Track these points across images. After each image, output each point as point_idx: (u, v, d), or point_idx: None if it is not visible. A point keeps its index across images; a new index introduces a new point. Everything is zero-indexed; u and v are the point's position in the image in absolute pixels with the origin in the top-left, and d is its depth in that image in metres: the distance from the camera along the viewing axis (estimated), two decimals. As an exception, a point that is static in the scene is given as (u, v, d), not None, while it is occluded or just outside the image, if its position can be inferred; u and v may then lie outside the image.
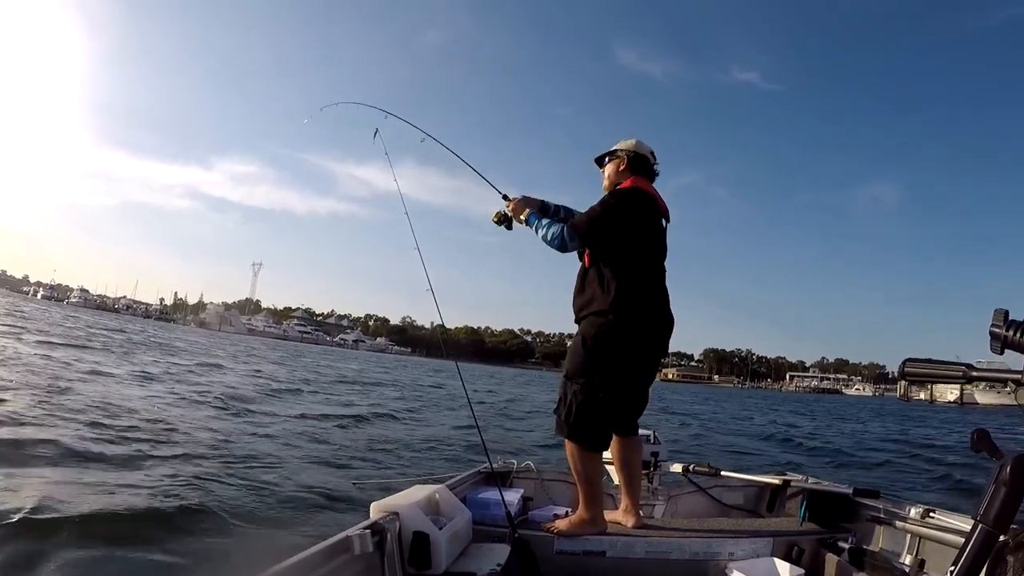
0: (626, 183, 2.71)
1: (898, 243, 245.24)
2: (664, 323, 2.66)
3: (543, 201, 2.93)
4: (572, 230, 2.58)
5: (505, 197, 2.94)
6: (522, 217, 2.80)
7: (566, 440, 2.58)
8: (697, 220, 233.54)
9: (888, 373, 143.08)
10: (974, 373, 1.19)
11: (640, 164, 2.78)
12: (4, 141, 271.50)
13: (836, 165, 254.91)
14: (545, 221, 2.71)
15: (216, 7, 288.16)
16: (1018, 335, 1.07)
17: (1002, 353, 1.10)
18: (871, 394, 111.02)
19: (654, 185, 2.79)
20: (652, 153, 2.82)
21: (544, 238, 2.66)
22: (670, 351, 2.94)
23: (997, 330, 1.09)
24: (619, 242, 2.57)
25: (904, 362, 1.31)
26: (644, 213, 2.64)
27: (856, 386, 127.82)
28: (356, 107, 3.61)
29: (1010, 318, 1.10)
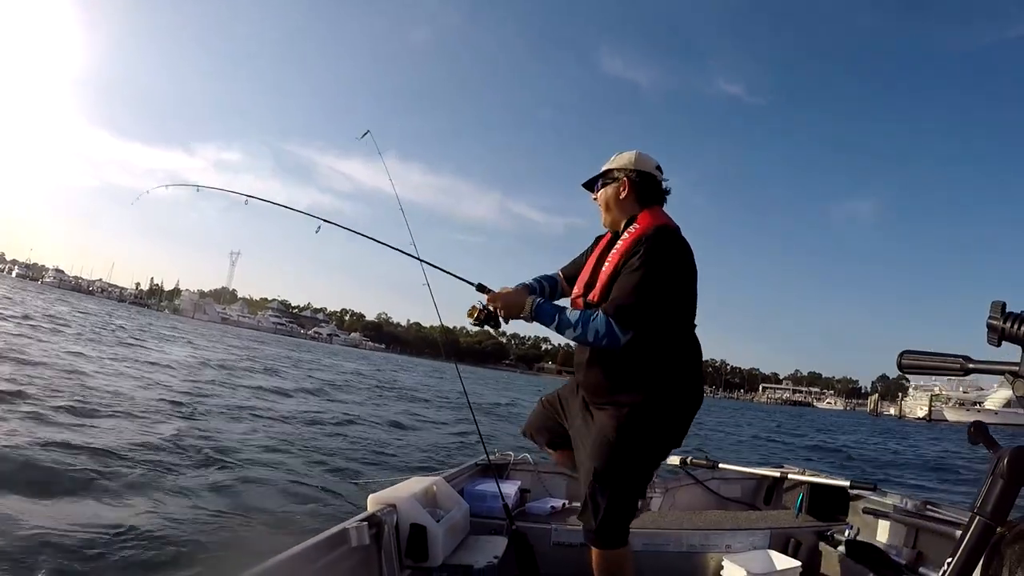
0: (646, 220, 2.04)
1: (880, 255, 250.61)
2: (702, 390, 2.15)
3: (524, 284, 2.25)
4: (622, 319, 1.87)
5: (481, 288, 2.12)
6: (526, 312, 2.00)
7: (595, 549, 2.04)
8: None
9: (860, 388, 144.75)
10: (971, 365, 1.17)
11: (648, 186, 2.11)
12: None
13: (820, 177, 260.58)
14: (574, 313, 1.96)
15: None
16: (1015, 327, 1.06)
17: (999, 345, 1.09)
18: (842, 408, 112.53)
19: (665, 209, 2.14)
20: (659, 167, 2.15)
21: (582, 337, 1.92)
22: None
23: (994, 322, 1.08)
24: (667, 309, 1.95)
25: (901, 354, 1.28)
26: (689, 266, 2.00)
27: (827, 400, 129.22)
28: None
29: (1007, 310, 1.09)
